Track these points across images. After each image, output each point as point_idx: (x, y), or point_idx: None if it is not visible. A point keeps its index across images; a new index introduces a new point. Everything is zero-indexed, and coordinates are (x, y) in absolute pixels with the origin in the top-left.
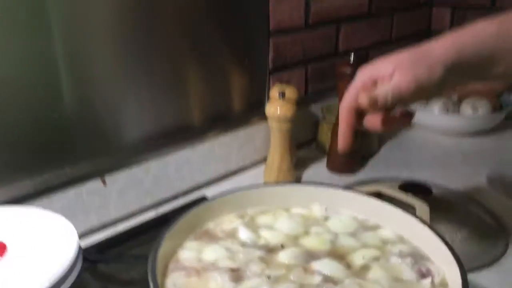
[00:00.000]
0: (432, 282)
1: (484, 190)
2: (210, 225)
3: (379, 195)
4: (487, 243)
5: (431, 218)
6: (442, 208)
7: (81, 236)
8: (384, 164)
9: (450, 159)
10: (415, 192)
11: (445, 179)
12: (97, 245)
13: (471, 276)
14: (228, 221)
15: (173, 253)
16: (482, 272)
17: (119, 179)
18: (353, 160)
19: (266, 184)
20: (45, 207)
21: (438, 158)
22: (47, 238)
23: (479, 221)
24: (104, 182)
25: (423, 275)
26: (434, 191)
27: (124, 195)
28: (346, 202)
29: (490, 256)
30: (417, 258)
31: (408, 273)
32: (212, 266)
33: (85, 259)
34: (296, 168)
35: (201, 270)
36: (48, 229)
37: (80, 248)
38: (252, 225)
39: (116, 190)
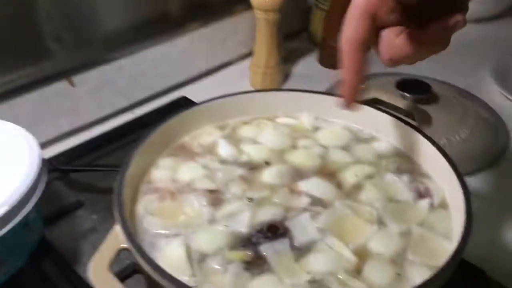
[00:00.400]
0: (431, 203)
1: (486, 84)
2: (186, 139)
3: (375, 101)
4: (487, 143)
5: (431, 120)
6: (441, 106)
7: (51, 142)
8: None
9: (451, 50)
10: (413, 89)
11: (445, 72)
12: (69, 153)
13: (469, 179)
14: (206, 134)
15: (145, 172)
16: (480, 174)
17: (88, 79)
18: None
19: (249, 90)
20: (4, 113)
21: None
22: (4, 153)
23: (479, 119)
24: (71, 83)
25: (420, 195)
26: (433, 87)
27: (96, 97)
28: (338, 111)
29: (490, 157)
30: (415, 175)
31: (404, 193)
32: (188, 188)
33: (55, 169)
34: (285, 63)
35: (176, 192)
36: (4, 141)
37: (43, 161)
38: (233, 138)
39: (86, 91)
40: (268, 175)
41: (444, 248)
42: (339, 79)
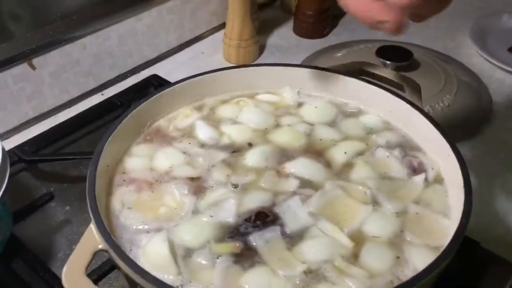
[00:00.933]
0: (425, 178)
1: (466, 47)
2: (162, 122)
3: (359, 72)
4: (470, 108)
5: (420, 90)
6: (423, 72)
7: (14, 131)
8: (357, 24)
9: None
10: (393, 56)
11: (424, 38)
12: (34, 141)
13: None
14: (182, 116)
15: (118, 162)
16: (466, 141)
17: (49, 60)
18: (323, 21)
19: (226, 67)
20: None
21: None
22: None
23: (461, 84)
24: (31, 65)
25: (414, 170)
26: (414, 53)
27: (60, 79)
28: (321, 84)
29: (474, 122)
30: (406, 149)
31: (397, 169)
32: (167, 176)
33: (20, 160)
34: (259, 34)
35: (154, 182)
36: None
37: (4, 152)
38: (212, 119)
39: (48, 73)
40: (252, 158)
41: (443, 226)
42: (318, 50)
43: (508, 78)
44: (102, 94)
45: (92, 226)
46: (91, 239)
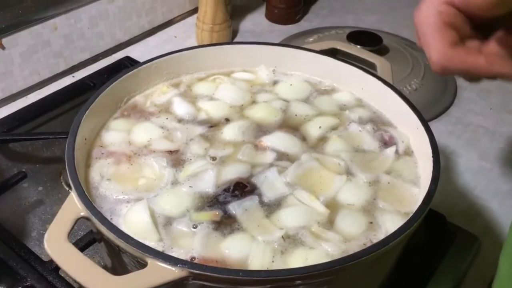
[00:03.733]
0: (396, 151)
1: None
2: (139, 98)
3: (334, 52)
4: (437, 92)
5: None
6: (391, 57)
7: None
8: (327, 10)
9: (397, 2)
10: (364, 41)
11: (393, 25)
12: (5, 121)
13: None
14: (160, 92)
15: (96, 136)
16: (432, 123)
17: (19, 40)
18: (295, 7)
19: (203, 45)
20: None
21: (385, 1)
22: None
23: (428, 69)
24: (1, 45)
25: (386, 143)
26: (384, 39)
27: (30, 60)
28: (296, 62)
29: (440, 105)
30: (378, 123)
31: (369, 142)
32: (146, 149)
33: None
34: (231, 19)
35: (133, 155)
36: None
37: None
38: (189, 96)
39: (18, 53)
40: (229, 132)
41: (413, 194)
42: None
43: None
44: (73, 77)
45: (73, 194)
46: (72, 207)
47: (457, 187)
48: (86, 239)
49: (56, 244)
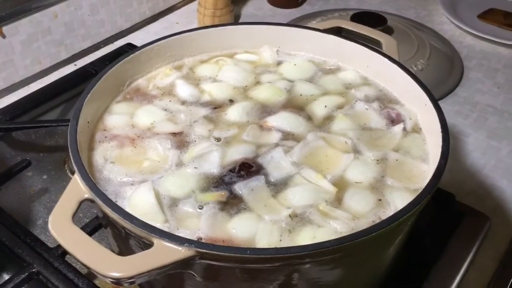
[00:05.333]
0: (403, 128)
1: (437, 15)
2: (141, 82)
3: (337, 32)
4: (443, 73)
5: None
6: (396, 38)
7: None
8: None
9: None
10: (368, 22)
11: (396, 6)
12: (7, 110)
13: None
14: (162, 75)
15: (98, 119)
16: (439, 103)
17: (20, 29)
18: None
19: (204, 26)
20: None
21: None
22: None
23: (434, 49)
24: (1, 33)
25: (393, 120)
26: (388, 20)
27: (31, 48)
28: (300, 42)
29: (447, 85)
30: (384, 101)
31: (376, 120)
32: (149, 132)
33: None
34: (233, 3)
35: (136, 138)
36: None
37: None
38: (192, 78)
39: (19, 42)
40: (233, 113)
41: (422, 170)
42: (293, 19)
43: (478, 43)
44: (75, 65)
45: (77, 177)
46: (76, 189)
47: (466, 167)
48: (92, 225)
49: (60, 226)
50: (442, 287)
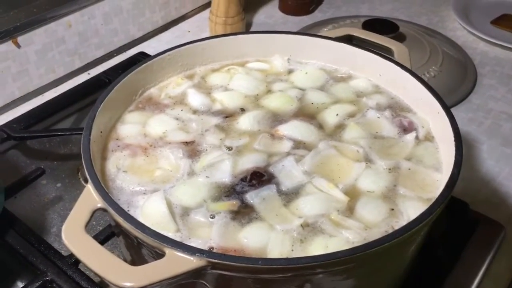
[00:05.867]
0: (416, 136)
1: (449, 21)
2: (153, 91)
3: (348, 39)
4: (456, 80)
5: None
6: (408, 45)
7: (1, 110)
8: (342, 1)
9: None
10: (380, 29)
11: (408, 12)
12: (22, 119)
13: None
14: (174, 84)
15: (111, 129)
16: (452, 110)
17: (34, 38)
18: None
19: (216, 35)
20: None
21: None
22: None
23: (446, 56)
24: (16, 43)
25: (405, 129)
26: (400, 27)
27: (45, 57)
28: (311, 50)
29: (460, 92)
30: (396, 109)
31: (388, 129)
32: (161, 141)
33: (9, 137)
34: (244, 12)
35: (149, 147)
36: None
37: None
38: (203, 87)
39: (34, 51)
40: (245, 122)
41: (435, 179)
42: (304, 26)
43: (491, 50)
44: (88, 74)
45: (90, 186)
46: (89, 198)
47: (479, 175)
48: (104, 234)
49: (73, 235)
50: None
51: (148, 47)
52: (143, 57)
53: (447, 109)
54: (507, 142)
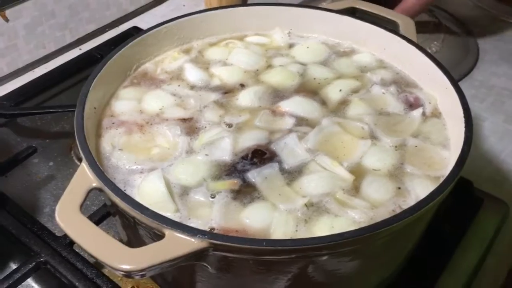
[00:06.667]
0: (423, 112)
1: None
2: (149, 66)
3: (351, 12)
4: (458, 55)
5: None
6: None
7: None
8: None
9: None
10: (383, 2)
11: None
12: (12, 96)
13: None
14: (170, 59)
15: (105, 105)
16: None
17: (23, 12)
18: None
19: (213, 7)
20: None
21: None
22: None
23: (448, 32)
24: (4, 16)
25: (411, 105)
26: None
27: (35, 32)
28: (312, 24)
29: (462, 69)
30: (402, 85)
31: (394, 104)
32: (158, 118)
33: None
34: None
35: (145, 124)
36: None
37: None
38: (201, 62)
39: (23, 25)
40: (245, 98)
41: (443, 157)
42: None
43: (494, 25)
44: (80, 49)
45: (84, 165)
46: (84, 177)
47: (482, 152)
48: (100, 213)
49: (68, 216)
50: (461, 274)
51: (142, 21)
52: (136, 32)
53: (455, 84)
54: (510, 119)
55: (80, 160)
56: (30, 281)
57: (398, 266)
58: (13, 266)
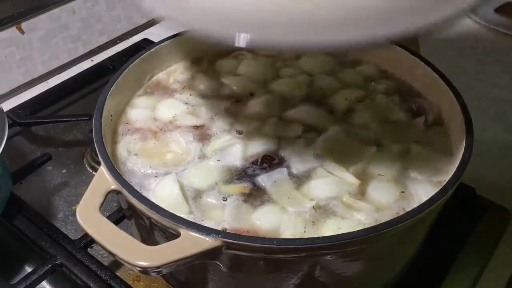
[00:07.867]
0: (426, 120)
1: None
2: (161, 76)
3: None
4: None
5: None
6: None
7: (5, 97)
8: None
9: None
10: None
11: None
12: (27, 105)
13: None
14: (182, 69)
15: (121, 113)
16: None
17: (38, 25)
18: None
19: None
20: None
21: None
22: None
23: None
24: (20, 29)
25: (414, 113)
26: None
27: (49, 44)
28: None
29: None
30: (405, 94)
31: (398, 113)
32: (171, 125)
33: (14, 123)
34: None
35: (159, 131)
36: None
37: (2, 114)
38: (211, 72)
39: (38, 38)
40: (255, 106)
41: (445, 163)
42: None
43: (495, 38)
44: (92, 60)
45: (103, 168)
46: (103, 180)
47: (484, 161)
48: (114, 218)
49: (88, 216)
50: (464, 282)
51: (152, 34)
52: (147, 43)
53: (457, 93)
54: (511, 129)
55: (92, 167)
56: (45, 283)
57: (401, 269)
58: (28, 269)
